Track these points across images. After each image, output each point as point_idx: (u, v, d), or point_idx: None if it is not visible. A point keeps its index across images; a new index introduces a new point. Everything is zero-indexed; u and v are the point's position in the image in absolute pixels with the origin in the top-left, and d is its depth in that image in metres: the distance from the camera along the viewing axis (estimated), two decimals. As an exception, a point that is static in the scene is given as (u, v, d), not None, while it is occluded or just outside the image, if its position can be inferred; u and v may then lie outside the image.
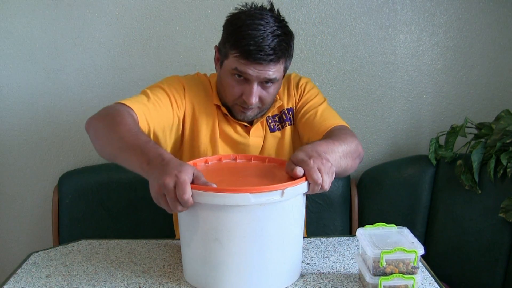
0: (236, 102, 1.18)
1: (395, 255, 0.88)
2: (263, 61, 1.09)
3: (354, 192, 1.70)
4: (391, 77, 1.74)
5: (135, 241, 1.18)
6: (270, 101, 1.22)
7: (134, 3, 1.66)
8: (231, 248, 0.89)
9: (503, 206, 1.48)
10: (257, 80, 1.13)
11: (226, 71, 1.16)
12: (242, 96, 1.16)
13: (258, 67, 1.10)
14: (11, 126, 1.74)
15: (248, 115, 1.21)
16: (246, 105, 1.17)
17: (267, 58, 1.09)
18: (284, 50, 1.13)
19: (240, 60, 1.11)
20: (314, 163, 0.90)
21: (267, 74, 1.12)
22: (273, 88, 1.17)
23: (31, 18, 1.66)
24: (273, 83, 1.16)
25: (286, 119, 1.28)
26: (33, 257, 1.11)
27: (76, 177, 1.68)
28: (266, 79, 1.13)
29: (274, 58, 1.10)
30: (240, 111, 1.20)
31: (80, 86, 1.72)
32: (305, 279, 0.98)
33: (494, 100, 1.75)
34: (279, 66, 1.14)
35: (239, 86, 1.15)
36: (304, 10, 1.68)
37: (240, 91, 1.16)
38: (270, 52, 1.09)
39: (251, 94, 1.14)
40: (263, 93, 1.16)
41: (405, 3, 1.68)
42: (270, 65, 1.11)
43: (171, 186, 0.83)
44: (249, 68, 1.10)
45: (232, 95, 1.17)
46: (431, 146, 1.64)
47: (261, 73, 1.11)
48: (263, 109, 1.22)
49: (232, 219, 0.87)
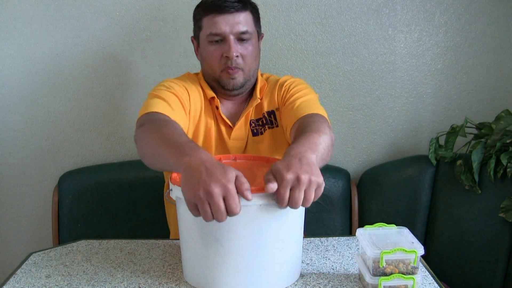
0: (221, 67, 1.23)
1: (395, 255, 0.88)
2: (230, 8, 1.19)
3: (354, 192, 1.70)
4: (391, 77, 1.74)
5: (134, 241, 1.18)
6: (251, 64, 1.25)
7: (134, 3, 1.66)
8: (231, 248, 0.89)
9: (503, 206, 1.49)
10: (232, 34, 1.20)
11: (203, 43, 1.24)
12: (223, 56, 1.21)
13: (228, 19, 1.19)
14: (11, 126, 1.74)
15: (236, 82, 1.24)
16: (229, 63, 1.21)
17: (233, 6, 1.19)
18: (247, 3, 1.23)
19: (211, 18, 1.20)
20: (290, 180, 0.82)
21: (238, 26, 1.20)
22: (250, 45, 1.23)
23: (31, 18, 1.66)
24: (248, 40, 1.22)
25: (265, 122, 1.30)
26: (33, 257, 1.11)
27: (76, 177, 1.68)
28: (239, 32, 1.20)
29: (239, 6, 1.20)
30: (227, 77, 1.24)
31: (80, 86, 1.72)
32: (305, 279, 0.98)
33: (494, 100, 1.75)
34: (248, 17, 1.22)
35: (218, 48, 1.22)
36: (304, 10, 1.68)
37: (220, 52, 1.22)
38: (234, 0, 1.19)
39: (230, 47, 1.20)
40: (242, 50, 1.22)
41: (405, 3, 1.68)
42: (237, 14, 1.20)
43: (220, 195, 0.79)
44: (221, 22, 1.19)
45: (215, 59, 1.23)
46: (431, 146, 1.64)
47: (232, 25, 1.19)
48: (247, 74, 1.25)
49: (232, 219, 0.86)
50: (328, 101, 1.74)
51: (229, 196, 0.79)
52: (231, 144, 1.28)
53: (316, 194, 0.85)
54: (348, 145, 1.79)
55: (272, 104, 1.30)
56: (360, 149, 1.80)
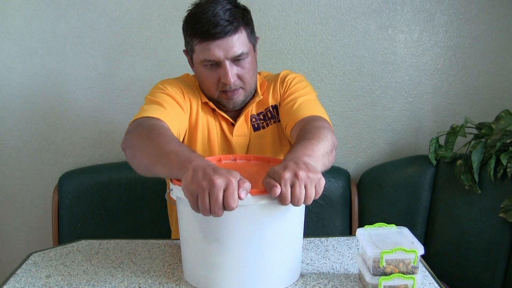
0: (220, 90, 1.20)
1: (395, 255, 0.88)
2: (223, 34, 1.12)
3: (354, 192, 1.70)
4: (391, 77, 1.74)
5: (135, 241, 1.18)
6: (251, 79, 1.21)
7: (134, 3, 1.66)
8: (231, 248, 0.89)
9: (503, 206, 1.48)
10: (227, 59, 1.14)
11: (198, 66, 1.19)
12: (220, 81, 1.17)
13: (221, 44, 1.12)
14: (11, 126, 1.74)
15: (236, 100, 1.21)
16: (227, 88, 1.18)
17: (225, 30, 1.11)
18: (240, 19, 1.15)
19: (203, 45, 1.13)
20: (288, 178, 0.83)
21: (233, 50, 1.14)
22: (247, 62, 1.18)
23: (31, 18, 1.66)
24: (244, 59, 1.17)
25: (271, 116, 1.29)
26: (33, 257, 1.11)
27: (76, 177, 1.68)
28: (234, 56, 1.15)
29: (231, 29, 1.12)
30: (226, 99, 1.21)
31: (80, 86, 1.72)
32: (305, 279, 0.98)
33: (494, 100, 1.75)
34: (241, 38, 1.15)
35: (214, 73, 1.17)
36: (304, 10, 1.68)
37: (216, 78, 1.17)
38: (226, 23, 1.12)
39: (227, 74, 1.15)
40: (239, 70, 1.17)
41: (405, 3, 1.68)
42: (231, 38, 1.13)
43: (222, 187, 0.79)
44: (213, 49, 1.13)
45: (211, 84, 1.19)
46: (431, 146, 1.64)
47: (227, 50, 1.13)
48: (248, 90, 1.22)
49: (232, 219, 0.87)
50: (328, 101, 1.74)
51: (229, 189, 0.80)
52: (235, 141, 1.27)
53: (317, 190, 0.85)
54: (348, 145, 1.79)
55: (275, 99, 1.29)
56: (360, 149, 1.80)
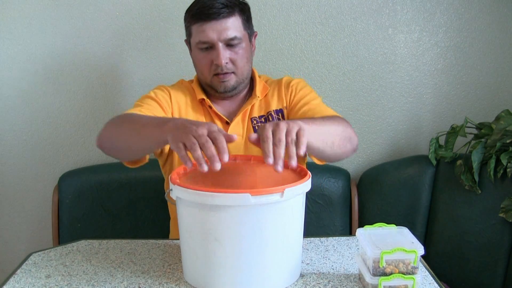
0: (212, 73, 1.24)
1: (395, 255, 0.88)
2: (216, 16, 1.17)
3: (354, 192, 1.70)
4: (391, 77, 1.74)
5: (134, 241, 1.18)
6: (243, 66, 1.25)
7: (134, 3, 1.66)
8: (231, 248, 0.89)
9: (503, 206, 1.48)
10: (220, 41, 1.19)
11: (194, 49, 1.25)
12: (213, 63, 1.22)
13: (215, 26, 1.18)
14: (11, 126, 1.74)
15: (227, 84, 1.25)
16: (219, 69, 1.22)
17: (219, 12, 1.17)
18: (235, 6, 1.21)
19: (198, 26, 1.19)
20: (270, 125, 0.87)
21: (226, 33, 1.19)
22: (240, 48, 1.23)
23: (31, 18, 1.66)
24: (237, 44, 1.22)
25: (272, 120, 1.30)
26: (33, 257, 1.11)
27: (76, 177, 1.68)
28: (227, 39, 1.19)
29: (226, 12, 1.18)
30: (218, 82, 1.25)
31: (80, 86, 1.72)
32: (305, 279, 0.98)
33: (494, 100, 1.75)
34: (236, 22, 1.21)
35: (208, 55, 1.22)
36: (304, 10, 1.68)
37: (209, 60, 1.22)
38: (221, 6, 1.18)
39: (219, 55, 1.20)
40: (232, 54, 1.22)
41: (405, 3, 1.68)
42: (225, 20, 1.19)
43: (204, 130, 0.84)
44: (207, 30, 1.18)
45: (204, 67, 1.24)
46: (431, 146, 1.64)
47: (220, 32, 1.18)
48: (239, 77, 1.26)
49: (232, 219, 0.87)
50: (328, 101, 1.74)
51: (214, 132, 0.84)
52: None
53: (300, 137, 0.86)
54: (348, 145, 1.79)
55: (280, 103, 1.31)
56: (360, 149, 1.80)
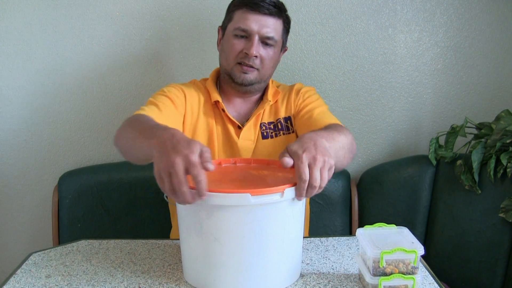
0: (238, 60, 1.24)
1: (395, 255, 0.88)
2: (265, 9, 1.21)
3: (354, 192, 1.70)
4: (391, 77, 1.74)
5: (135, 241, 1.18)
6: (268, 69, 1.27)
7: (134, 3, 1.66)
8: (231, 248, 0.89)
9: (503, 206, 1.48)
10: (258, 34, 1.22)
11: (228, 35, 1.26)
12: (243, 51, 1.23)
13: (259, 19, 1.21)
14: (11, 126, 1.74)
15: (247, 77, 1.24)
16: (247, 60, 1.23)
17: (268, 8, 1.21)
18: (283, 12, 1.26)
19: (244, 12, 1.22)
20: (306, 157, 0.85)
21: (266, 29, 1.22)
22: (271, 51, 1.25)
23: (31, 18, 1.66)
24: (271, 46, 1.24)
25: (281, 128, 1.31)
26: (33, 257, 1.11)
27: (76, 177, 1.68)
28: (265, 36, 1.22)
29: (274, 11, 1.22)
30: (239, 72, 1.25)
31: (80, 86, 1.72)
32: (305, 279, 0.98)
33: (494, 100, 1.75)
34: (278, 25, 1.25)
35: (241, 43, 1.24)
36: (304, 10, 1.68)
37: (241, 47, 1.23)
38: (272, 4, 1.22)
39: (252, 45, 1.21)
40: (263, 52, 1.24)
41: (405, 3, 1.68)
42: (270, 18, 1.22)
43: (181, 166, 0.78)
44: (251, 20, 1.21)
45: (234, 52, 1.24)
46: (431, 146, 1.64)
47: (261, 26, 1.21)
48: (261, 76, 1.26)
49: (232, 219, 0.87)
50: (328, 101, 1.74)
51: (191, 167, 0.78)
52: (241, 144, 1.28)
53: (329, 175, 0.88)
54: (348, 145, 1.79)
55: (289, 110, 1.32)
56: (360, 149, 1.80)
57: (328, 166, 0.87)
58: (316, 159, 0.85)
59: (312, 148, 0.86)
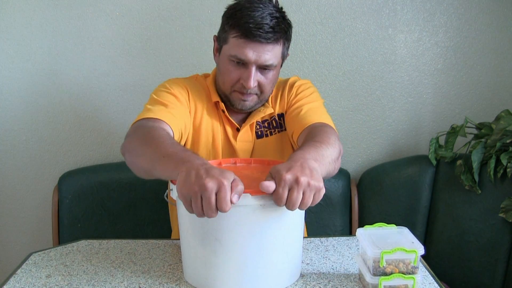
0: (235, 89, 1.18)
1: (395, 255, 0.88)
2: (262, 39, 1.10)
3: (354, 192, 1.71)
4: (391, 77, 1.74)
5: (135, 241, 1.18)
6: (269, 90, 1.21)
7: (134, 3, 1.66)
8: (231, 248, 0.89)
9: (503, 206, 1.49)
10: (255, 64, 1.13)
11: (224, 58, 1.17)
12: (240, 81, 1.16)
13: (256, 48, 1.11)
14: (11, 126, 1.74)
15: (247, 104, 1.20)
16: (244, 90, 1.17)
17: (266, 36, 1.10)
18: (283, 31, 1.14)
19: (239, 40, 1.11)
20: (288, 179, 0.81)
21: (265, 58, 1.12)
22: (271, 74, 1.18)
23: (31, 18, 1.66)
24: (270, 70, 1.16)
25: (275, 125, 1.28)
26: (33, 257, 1.11)
27: (76, 177, 1.68)
28: (263, 64, 1.14)
29: (272, 38, 1.11)
30: (238, 99, 1.19)
31: (80, 86, 1.72)
32: (305, 279, 0.98)
33: (494, 100, 1.75)
34: (277, 50, 1.14)
35: (237, 71, 1.16)
36: (304, 10, 1.68)
37: (238, 76, 1.16)
38: (269, 30, 1.10)
39: (250, 77, 1.14)
40: (261, 78, 1.17)
41: (405, 3, 1.68)
42: (268, 46, 1.12)
43: (213, 190, 0.79)
44: (248, 49, 1.11)
45: (230, 80, 1.17)
46: (431, 146, 1.64)
47: (259, 55, 1.12)
48: (261, 99, 1.22)
49: (232, 219, 0.87)
50: (328, 101, 1.74)
51: (221, 192, 0.78)
52: (238, 146, 1.26)
53: (315, 199, 0.84)
54: (348, 145, 1.79)
55: (282, 106, 1.28)
56: (360, 149, 1.80)
57: (314, 189, 0.83)
58: (299, 182, 0.81)
59: (298, 168, 0.83)
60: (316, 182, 0.83)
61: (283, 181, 0.81)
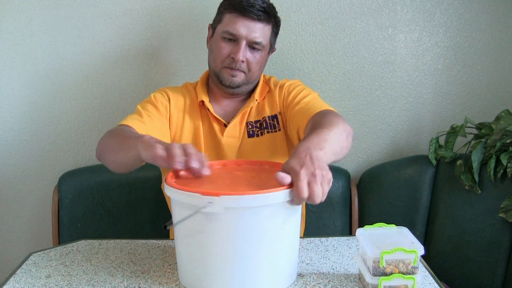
0: (224, 65, 1.28)
1: (395, 255, 0.88)
2: (254, 15, 1.23)
3: (354, 192, 1.70)
4: (391, 77, 1.74)
5: (134, 241, 1.18)
6: (255, 71, 1.30)
7: (134, 3, 1.66)
8: (227, 250, 0.88)
9: (503, 206, 1.48)
10: (245, 39, 1.25)
11: (217, 36, 1.29)
12: (230, 55, 1.27)
13: (248, 24, 1.23)
14: (11, 126, 1.74)
15: (234, 80, 1.28)
16: (233, 65, 1.26)
17: (257, 14, 1.23)
18: (273, 16, 1.28)
19: (232, 15, 1.24)
20: (305, 175, 0.84)
21: (254, 35, 1.24)
22: (259, 55, 1.28)
23: (31, 18, 1.66)
24: (258, 50, 1.27)
25: (266, 126, 1.33)
26: (33, 257, 1.11)
27: (76, 177, 1.68)
28: (253, 41, 1.25)
29: (263, 16, 1.24)
30: (228, 74, 1.28)
31: (80, 86, 1.72)
32: (305, 279, 0.98)
33: (494, 100, 1.75)
34: (266, 31, 1.27)
35: (229, 47, 1.27)
36: (304, 10, 1.68)
37: (228, 51, 1.27)
38: (261, 9, 1.24)
39: (239, 50, 1.24)
40: (250, 56, 1.27)
41: (405, 3, 1.68)
42: (258, 24, 1.25)
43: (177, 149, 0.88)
44: (240, 25, 1.23)
45: (221, 55, 1.27)
46: (431, 146, 1.64)
47: (250, 31, 1.24)
48: (248, 79, 1.30)
49: (226, 222, 0.86)
50: (328, 101, 1.72)
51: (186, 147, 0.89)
52: (225, 142, 1.31)
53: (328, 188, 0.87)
54: (348, 145, 1.79)
55: (274, 108, 1.34)
56: (360, 149, 1.80)
57: (327, 180, 0.86)
58: (315, 175, 0.84)
59: (309, 163, 0.86)
60: (327, 173, 0.87)
61: (300, 175, 0.84)
